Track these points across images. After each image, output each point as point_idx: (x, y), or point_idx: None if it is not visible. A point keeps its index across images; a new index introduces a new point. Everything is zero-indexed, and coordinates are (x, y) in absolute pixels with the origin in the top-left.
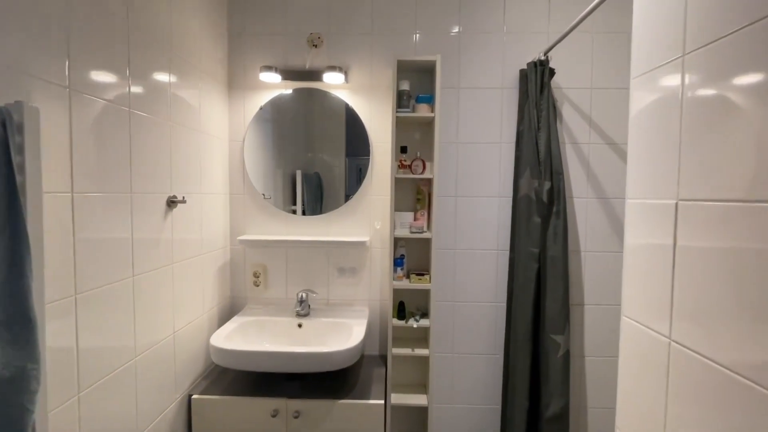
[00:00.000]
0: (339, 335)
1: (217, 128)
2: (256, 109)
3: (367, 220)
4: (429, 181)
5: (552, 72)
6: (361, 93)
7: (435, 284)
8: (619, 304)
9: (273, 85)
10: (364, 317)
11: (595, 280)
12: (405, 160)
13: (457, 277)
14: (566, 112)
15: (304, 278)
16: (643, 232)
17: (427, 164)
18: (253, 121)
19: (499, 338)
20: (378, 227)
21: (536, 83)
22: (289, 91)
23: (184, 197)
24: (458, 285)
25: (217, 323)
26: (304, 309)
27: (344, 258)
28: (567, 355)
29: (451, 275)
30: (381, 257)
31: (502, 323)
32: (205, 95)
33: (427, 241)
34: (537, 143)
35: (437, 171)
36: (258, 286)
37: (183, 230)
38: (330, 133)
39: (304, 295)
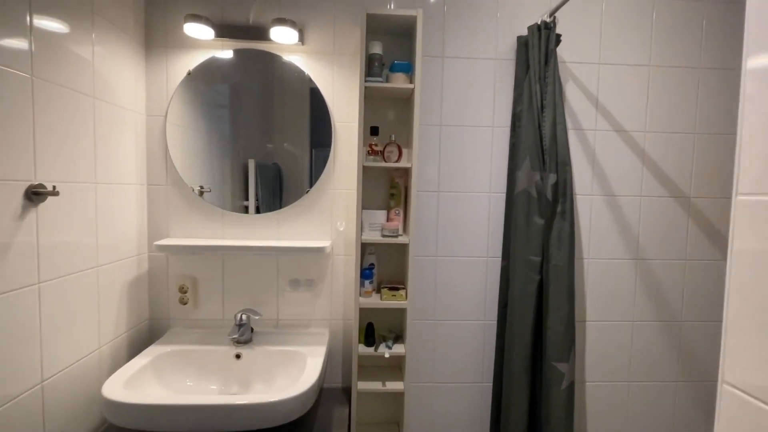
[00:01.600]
0: (290, 369)
1: (127, 97)
2: (183, 74)
3: (328, 219)
4: (406, 172)
5: (558, 39)
6: (320, 59)
7: (412, 300)
8: (629, 321)
9: (205, 44)
10: (323, 343)
11: (600, 292)
12: (376, 145)
13: (439, 290)
14: (568, 91)
15: (247, 294)
16: None
17: (404, 150)
18: (180, 90)
19: (488, 363)
20: (341, 229)
21: (540, 50)
22: (229, 54)
23: (55, 187)
24: (440, 300)
25: (127, 356)
26: (243, 335)
27: (298, 268)
28: (572, 387)
29: (431, 288)
30: (345, 267)
31: (492, 345)
32: (104, 50)
33: (402, 247)
34: (540, 127)
35: (416, 159)
36: (185, 304)
37: (60, 233)
38: (291, 115)
39: (243, 317)
